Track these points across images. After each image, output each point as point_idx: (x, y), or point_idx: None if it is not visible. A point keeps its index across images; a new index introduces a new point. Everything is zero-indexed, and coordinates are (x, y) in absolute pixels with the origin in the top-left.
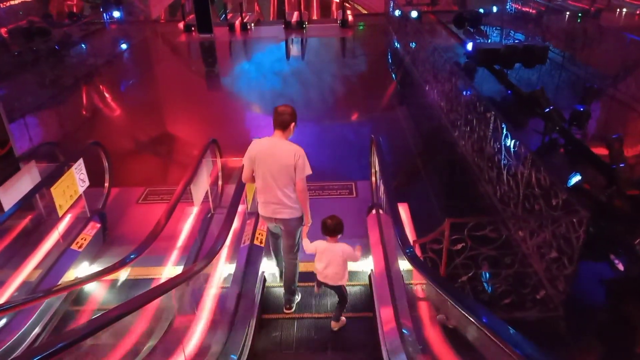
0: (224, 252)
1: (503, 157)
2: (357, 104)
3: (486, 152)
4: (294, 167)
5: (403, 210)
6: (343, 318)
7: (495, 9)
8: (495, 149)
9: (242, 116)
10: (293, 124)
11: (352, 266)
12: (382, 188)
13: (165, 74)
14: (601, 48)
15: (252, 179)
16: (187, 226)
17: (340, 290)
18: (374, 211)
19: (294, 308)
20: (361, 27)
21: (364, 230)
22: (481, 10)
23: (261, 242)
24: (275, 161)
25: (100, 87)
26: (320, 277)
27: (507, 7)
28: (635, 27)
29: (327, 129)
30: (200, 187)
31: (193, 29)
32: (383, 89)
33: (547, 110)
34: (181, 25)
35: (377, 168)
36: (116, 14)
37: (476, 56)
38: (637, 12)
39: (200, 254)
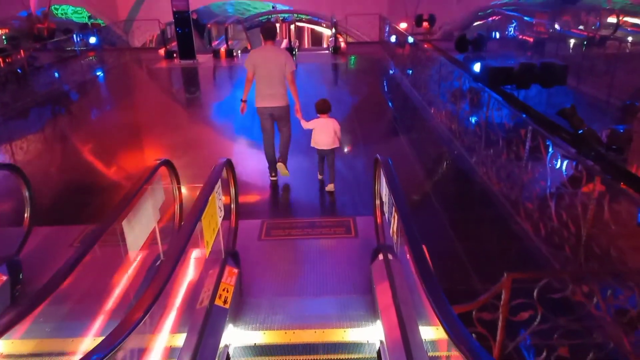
0: (170, 317)
1: (549, 184)
2: (351, 133)
3: (519, 179)
4: (285, 64)
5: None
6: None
7: (496, 34)
8: (535, 173)
9: (220, 143)
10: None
11: (353, 337)
12: (393, 224)
13: (138, 99)
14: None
15: (252, 80)
16: (123, 279)
17: (332, 153)
18: (380, 256)
19: (289, 174)
20: (353, 60)
21: (366, 283)
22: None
23: (225, 302)
24: (271, 62)
25: (63, 113)
26: (318, 146)
27: (508, 33)
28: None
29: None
30: (142, 224)
31: (175, 55)
32: (379, 117)
33: (581, 131)
34: (162, 51)
35: (386, 198)
36: (92, 39)
37: (485, 77)
38: None
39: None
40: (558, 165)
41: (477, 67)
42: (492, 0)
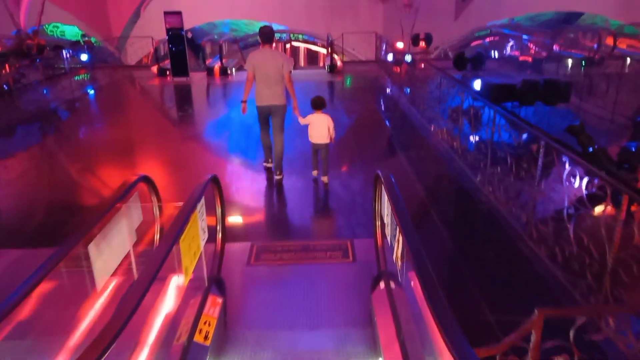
0: (142, 356)
1: (566, 204)
2: (348, 151)
3: (530, 198)
4: (283, 65)
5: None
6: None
7: (494, 53)
8: (549, 192)
9: (212, 161)
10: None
11: None
12: (397, 248)
13: (127, 117)
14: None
15: (252, 81)
16: (91, 311)
17: (326, 147)
18: (382, 284)
19: (283, 176)
20: (349, 79)
21: (366, 314)
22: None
23: (206, 338)
24: (270, 63)
25: (48, 130)
26: (314, 140)
27: (506, 52)
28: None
29: (312, 181)
30: (113, 248)
31: (168, 72)
32: (377, 135)
33: (591, 150)
34: (155, 69)
35: (388, 219)
36: (83, 57)
37: (487, 94)
38: None
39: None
40: (577, 184)
41: (477, 84)
42: (488, 20)
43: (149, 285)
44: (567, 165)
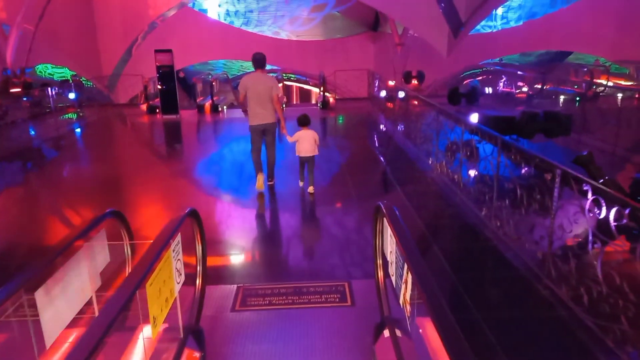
0: None
1: (591, 238)
2: (342, 187)
3: (547, 233)
4: (272, 88)
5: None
6: (311, 187)
7: (488, 89)
8: (569, 225)
9: (198, 199)
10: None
11: None
12: (404, 290)
13: (111, 155)
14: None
15: (245, 102)
16: None
17: (312, 160)
18: (386, 332)
19: (274, 182)
20: (342, 115)
21: None
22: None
23: None
24: (261, 86)
25: (28, 168)
26: (301, 154)
27: (499, 88)
28: (633, 108)
29: (304, 220)
30: (69, 294)
31: (157, 110)
32: (372, 170)
33: (602, 180)
34: (144, 107)
35: (392, 257)
36: (71, 95)
37: (486, 126)
38: (636, 95)
39: None
40: (603, 214)
41: (474, 117)
42: (479, 59)
43: (99, 340)
44: (589, 194)
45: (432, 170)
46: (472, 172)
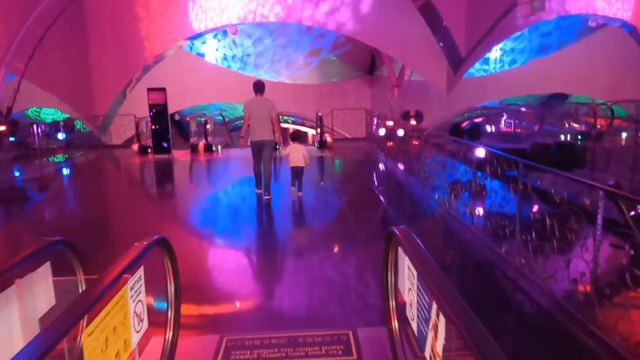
0: None
1: None
2: (341, 229)
3: (592, 271)
4: (270, 109)
5: None
6: (300, 193)
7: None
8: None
9: (183, 240)
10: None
11: None
12: (432, 337)
13: (97, 195)
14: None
15: (248, 122)
16: None
17: (302, 170)
18: None
19: (271, 196)
20: (340, 154)
21: None
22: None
23: None
24: (261, 108)
25: (7, 208)
26: (292, 164)
27: (500, 127)
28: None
29: (302, 265)
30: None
31: (149, 150)
32: (373, 209)
33: (633, 214)
34: (135, 146)
35: (412, 296)
36: (60, 136)
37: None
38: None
39: None
40: None
41: (480, 151)
42: (478, 101)
43: None
44: None
45: (439, 206)
46: (484, 206)
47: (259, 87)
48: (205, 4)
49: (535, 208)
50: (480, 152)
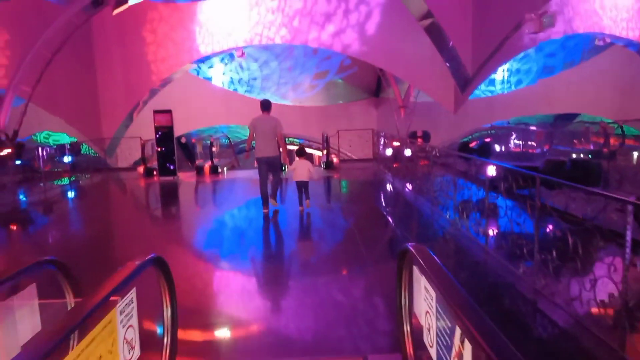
0: None
1: None
2: (349, 250)
3: (623, 291)
4: (275, 127)
5: None
6: (308, 201)
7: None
8: None
9: (187, 264)
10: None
11: None
12: None
13: (101, 218)
14: None
15: (252, 137)
16: None
17: (306, 184)
18: None
19: (277, 205)
20: (346, 175)
21: None
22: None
23: None
24: (267, 125)
25: (9, 231)
26: (297, 179)
27: (510, 145)
28: None
29: (309, 288)
30: None
31: (155, 172)
32: (380, 232)
33: None
34: (141, 169)
35: (431, 320)
36: (66, 159)
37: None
38: None
39: None
40: None
41: (491, 170)
42: (482, 123)
43: None
44: None
45: (450, 225)
46: (498, 225)
47: (265, 105)
48: (211, 27)
49: (554, 226)
50: (492, 170)
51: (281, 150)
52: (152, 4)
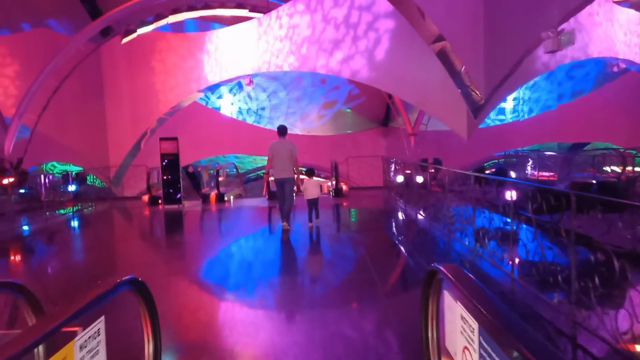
0: None
1: None
2: (359, 286)
3: None
4: (291, 150)
5: None
6: (317, 220)
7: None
8: None
9: (194, 298)
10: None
11: None
12: None
13: (104, 248)
14: None
15: (271, 161)
16: None
17: (316, 202)
18: None
19: (289, 227)
20: (356, 203)
21: None
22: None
23: None
24: (283, 149)
25: (7, 259)
26: (307, 197)
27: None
28: None
29: (319, 321)
30: None
31: (160, 201)
32: (395, 261)
33: None
34: (146, 197)
35: (472, 356)
36: (71, 188)
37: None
38: None
39: None
40: None
41: (511, 194)
42: (493, 151)
43: None
44: None
45: (469, 253)
46: (527, 251)
47: (282, 130)
48: (220, 56)
49: (592, 250)
50: (517, 191)
51: (296, 172)
52: (161, 34)
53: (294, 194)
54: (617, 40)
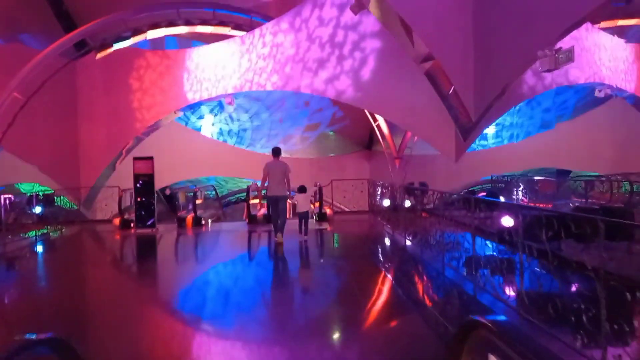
0: None
1: None
2: (344, 317)
3: None
4: (284, 170)
5: None
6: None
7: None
8: None
9: (167, 334)
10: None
11: None
12: None
13: (66, 277)
14: None
15: (266, 179)
16: None
17: (306, 214)
18: None
19: (282, 241)
20: (340, 228)
21: None
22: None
23: None
24: (277, 169)
25: None
26: (298, 210)
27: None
28: None
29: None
30: None
31: (132, 224)
32: (378, 293)
33: None
34: (117, 221)
35: None
36: (37, 209)
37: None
38: None
39: None
40: None
41: (507, 221)
42: (477, 177)
43: None
44: None
45: (469, 284)
46: (539, 284)
47: (276, 152)
48: (200, 74)
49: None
50: (504, 222)
51: (288, 190)
52: (140, 50)
53: (285, 213)
54: (602, 66)
